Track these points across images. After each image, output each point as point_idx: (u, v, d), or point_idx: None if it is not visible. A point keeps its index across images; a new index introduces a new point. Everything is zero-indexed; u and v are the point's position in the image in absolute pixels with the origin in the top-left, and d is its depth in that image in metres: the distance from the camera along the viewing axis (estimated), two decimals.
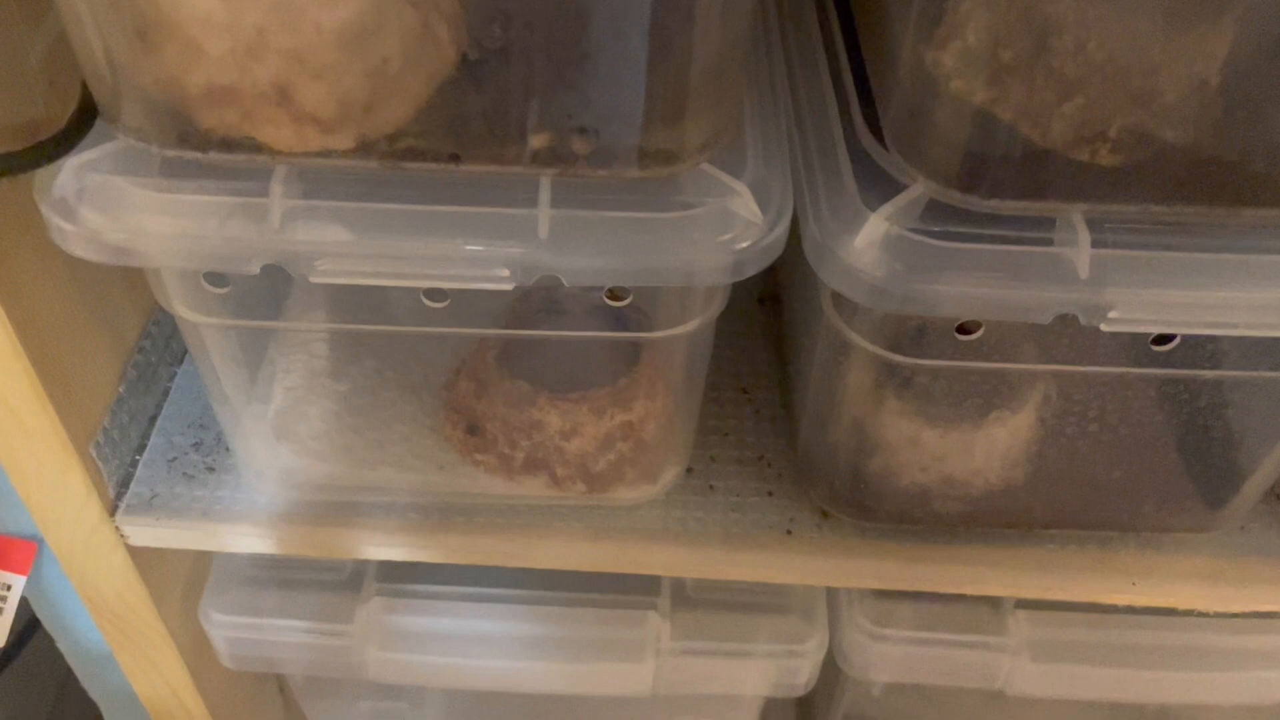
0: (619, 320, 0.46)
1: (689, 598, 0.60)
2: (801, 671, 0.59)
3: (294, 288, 0.48)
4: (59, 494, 0.49)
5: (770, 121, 0.41)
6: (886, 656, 0.59)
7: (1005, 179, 0.36)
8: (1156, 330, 0.38)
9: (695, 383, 0.49)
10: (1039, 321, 0.37)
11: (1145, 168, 0.35)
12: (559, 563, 0.52)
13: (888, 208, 0.37)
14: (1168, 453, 0.48)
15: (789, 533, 0.51)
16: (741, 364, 0.59)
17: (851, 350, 0.44)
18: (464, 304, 0.42)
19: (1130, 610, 0.57)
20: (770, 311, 0.62)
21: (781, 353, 0.59)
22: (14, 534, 0.57)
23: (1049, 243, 0.38)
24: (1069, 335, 0.41)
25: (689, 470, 0.53)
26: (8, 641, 0.64)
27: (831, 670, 0.62)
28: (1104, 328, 0.37)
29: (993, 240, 0.37)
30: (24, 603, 0.59)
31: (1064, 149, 0.35)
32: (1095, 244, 0.37)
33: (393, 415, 0.53)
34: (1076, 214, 0.37)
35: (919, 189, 0.37)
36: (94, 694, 0.68)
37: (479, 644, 0.59)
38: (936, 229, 0.37)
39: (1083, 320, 0.37)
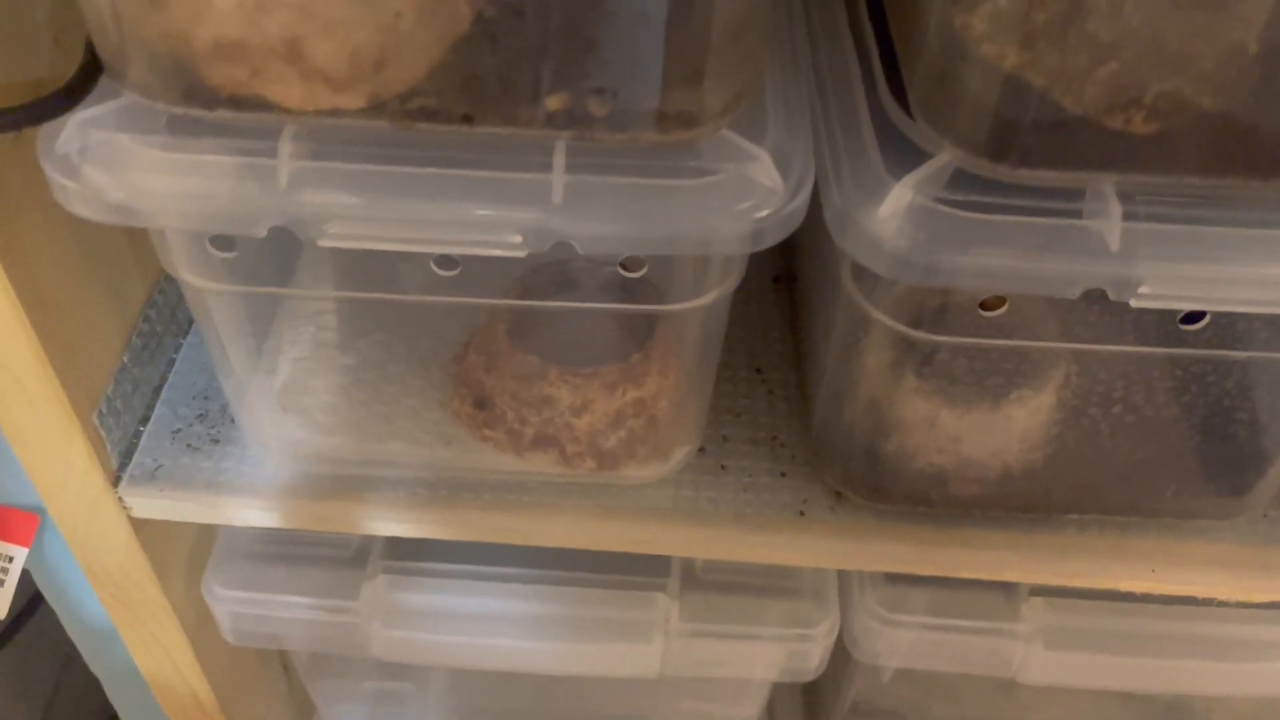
0: (632, 294, 0.45)
1: (698, 579, 0.59)
2: (812, 655, 0.58)
3: (303, 256, 0.47)
4: (61, 463, 0.48)
5: (791, 87, 0.40)
6: (898, 642, 0.58)
7: (1035, 148, 0.35)
8: (1188, 307, 0.37)
9: (709, 359, 0.48)
10: (1067, 296, 0.36)
11: (1180, 137, 0.34)
12: (568, 541, 0.51)
13: (913, 177, 0.36)
14: (1191, 436, 0.47)
15: (801, 514, 0.50)
16: (755, 343, 0.58)
17: (871, 327, 0.43)
18: (475, 273, 0.41)
19: (1147, 598, 0.56)
20: (785, 291, 0.61)
21: (796, 332, 0.58)
22: (16, 505, 0.56)
23: (1078, 215, 0.36)
24: (1094, 312, 0.40)
25: (701, 449, 0.52)
26: (11, 615, 0.64)
27: (840, 656, 0.62)
28: (1133, 303, 0.36)
29: (1020, 211, 0.36)
30: (27, 576, 0.59)
31: (1097, 116, 0.34)
32: (1126, 216, 0.35)
33: (401, 389, 0.52)
34: (1108, 185, 0.36)
35: (945, 158, 0.36)
36: (96, 669, 0.68)
37: (485, 622, 0.58)
38: (962, 199, 0.36)
39: (1112, 295, 0.36)
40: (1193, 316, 0.39)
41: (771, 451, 0.53)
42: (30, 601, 0.70)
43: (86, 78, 0.36)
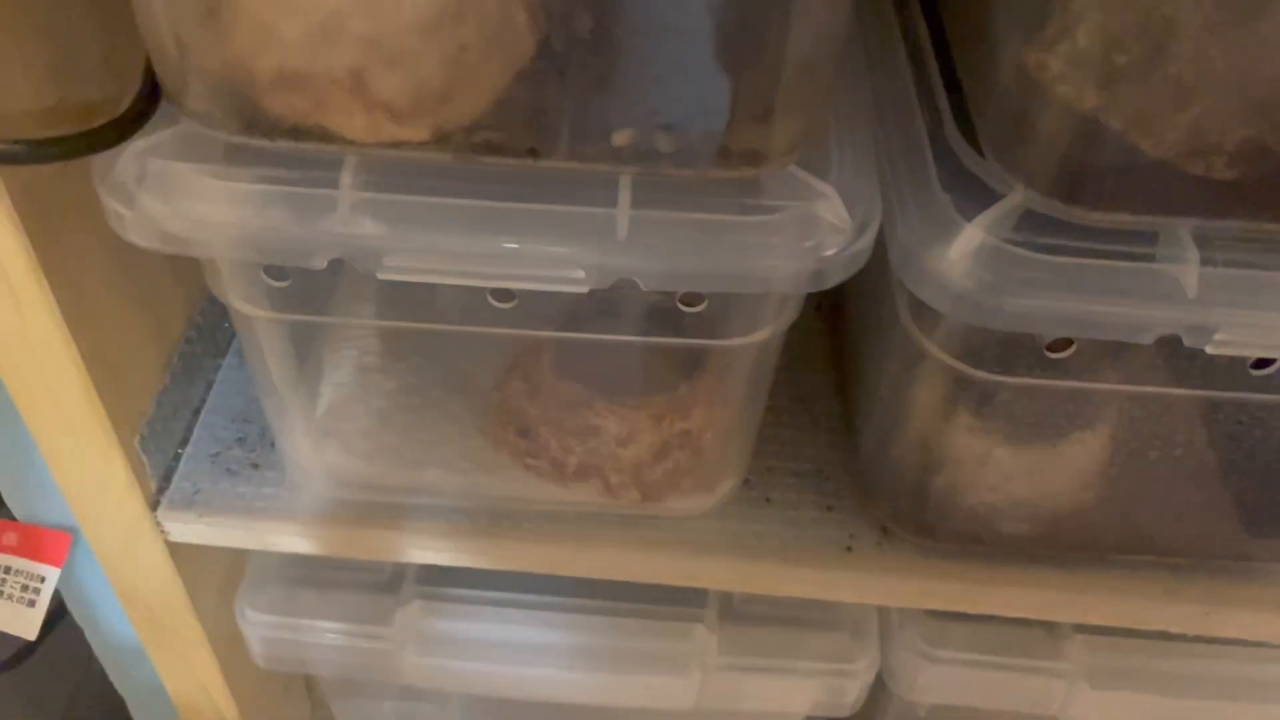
0: (683, 327, 0.44)
1: (736, 611, 0.58)
2: (850, 691, 0.58)
3: (345, 281, 0.47)
4: (100, 486, 0.48)
5: (855, 123, 0.39)
6: (938, 678, 0.57)
7: (1111, 190, 0.34)
8: (1265, 355, 0.37)
9: (758, 393, 0.47)
10: (1140, 341, 0.35)
11: (1262, 183, 0.34)
12: (609, 573, 0.50)
13: (984, 217, 0.35)
14: (1249, 479, 0.46)
15: (849, 549, 0.49)
16: (799, 373, 0.57)
17: (926, 363, 0.42)
18: (530, 305, 0.40)
19: (1196, 639, 0.55)
20: (829, 319, 0.60)
21: (841, 363, 0.57)
22: (48, 524, 0.55)
23: (1150, 258, 0.36)
24: (1163, 356, 0.40)
25: (745, 481, 0.52)
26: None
27: (876, 690, 0.61)
28: (1210, 350, 0.35)
29: (1092, 255, 0.35)
30: (56, 594, 0.58)
31: (1176, 161, 0.33)
32: (1204, 261, 0.35)
33: (442, 415, 0.51)
34: (1185, 230, 0.35)
35: (1017, 198, 0.35)
36: (120, 688, 0.67)
37: (519, 651, 0.58)
38: (1034, 241, 0.35)
39: (1187, 341, 0.35)
40: (1263, 362, 0.39)
41: (817, 485, 0.52)
42: (51, 617, 0.70)
43: (146, 105, 0.35)
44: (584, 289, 0.35)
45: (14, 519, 0.56)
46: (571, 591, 0.58)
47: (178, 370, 0.51)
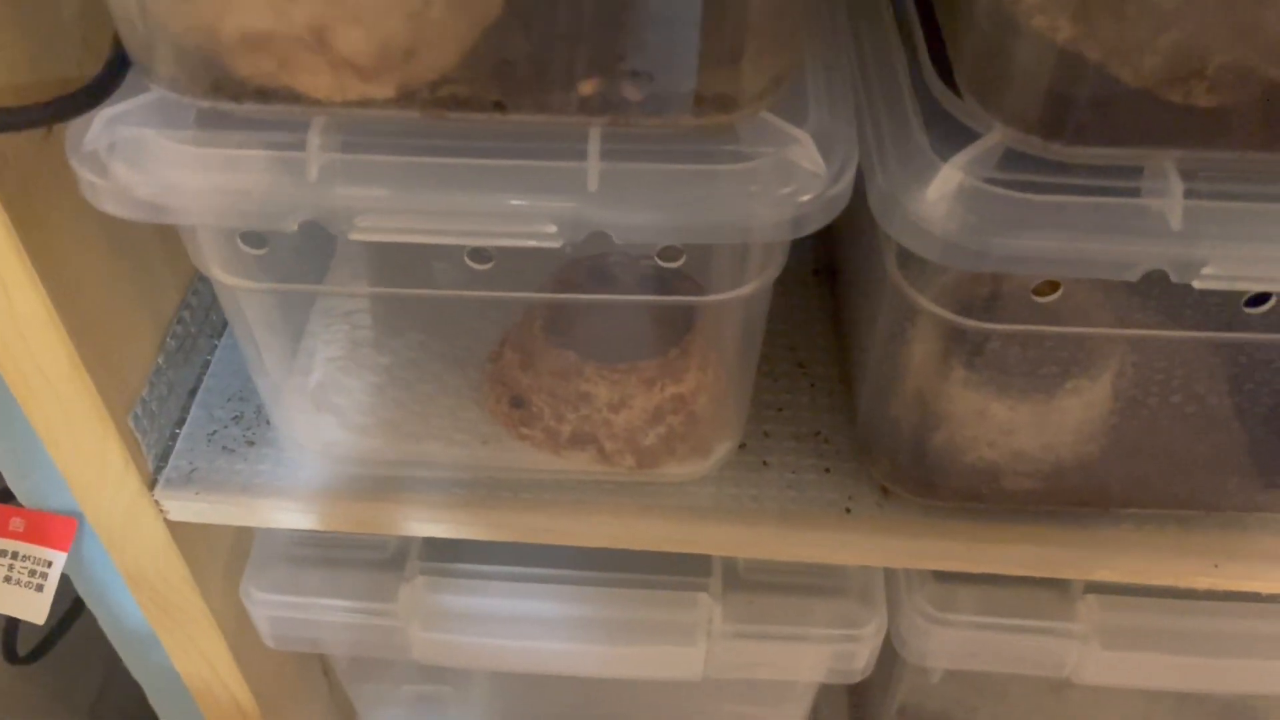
0: (669, 287, 0.44)
1: (741, 579, 0.57)
2: (859, 656, 0.57)
3: (336, 253, 0.47)
4: (97, 467, 0.48)
5: (832, 67, 0.38)
6: (947, 642, 0.56)
7: (1091, 124, 0.33)
8: (1254, 288, 0.36)
9: (749, 353, 0.47)
10: (1126, 279, 0.35)
11: (1245, 110, 0.33)
12: (608, 541, 0.50)
13: (961, 157, 0.35)
14: (1255, 426, 0.45)
15: (848, 511, 0.49)
16: (796, 337, 0.56)
17: (918, 316, 0.42)
18: (509, 266, 0.40)
19: (1209, 595, 0.54)
20: (825, 283, 0.59)
21: (838, 325, 0.57)
22: (55, 509, 0.56)
23: (1136, 193, 0.35)
24: (1153, 296, 0.39)
25: (742, 446, 0.51)
26: (55, 620, 0.64)
27: (888, 656, 0.60)
28: (1196, 285, 0.34)
29: (1075, 191, 0.35)
30: (68, 582, 0.59)
31: (1156, 89, 0.32)
32: (1188, 194, 0.34)
33: (436, 387, 0.51)
34: (1168, 161, 0.34)
35: (996, 136, 0.35)
36: (137, 673, 0.67)
37: (525, 625, 0.57)
38: (1014, 179, 0.35)
39: (1174, 277, 0.34)
40: (1258, 299, 0.38)
41: (815, 447, 0.51)
42: (73, 606, 0.71)
43: (114, 73, 0.35)
44: (556, 243, 0.35)
45: (20, 505, 0.56)
46: (576, 564, 0.58)
47: (172, 350, 0.51)
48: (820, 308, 0.58)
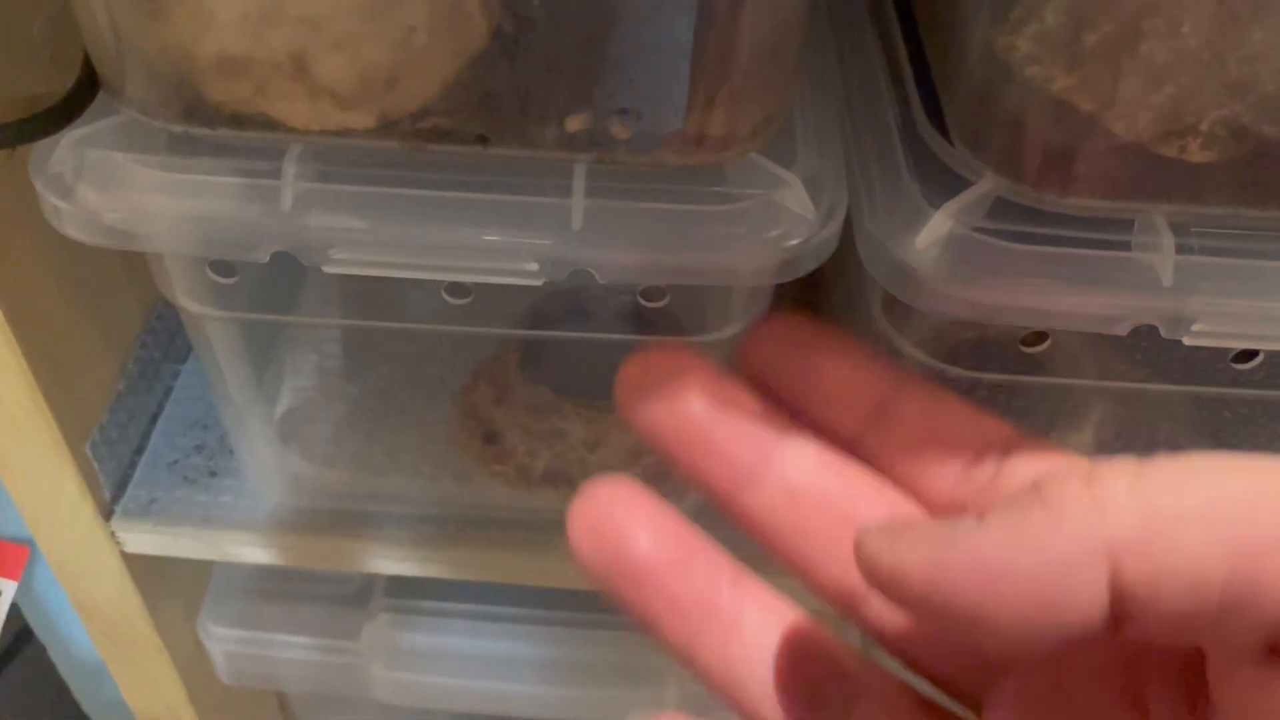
0: (651, 325, 0.43)
1: None
2: None
3: (306, 282, 0.45)
4: (51, 494, 0.46)
5: (821, 109, 0.38)
6: None
7: (1083, 175, 0.33)
8: (1244, 345, 0.35)
9: None
10: (1115, 333, 0.34)
11: (1238, 166, 0.32)
12: (579, 582, 0.48)
13: (953, 204, 0.34)
14: None
15: None
16: None
17: (902, 361, 0.41)
18: (487, 301, 0.39)
19: None
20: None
21: None
22: (6, 537, 0.54)
23: (1126, 246, 0.34)
24: (1141, 350, 0.38)
25: None
26: (1, 650, 0.62)
27: None
28: (1187, 341, 0.34)
29: (1066, 243, 0.34)
30: (17, 610, 0.57)
31: (1150, 143, 0.32)
32: (1180, 249, 0.33)
33: (406, 421, 0.50)
34: (1159, 215, 0.34)
35: (987, 185, 0.34)
36: (86, 707, 0.65)
37: (491, 665, 0.56)
38: (1004, 229, 0.34)
39: (1164, 332, 0.34)
40: (1246, 355, 0.37)
41: None
42: (20, 634, 0.68)
43: (82, 94, 0.34)
44: (538, 281, 0.34)
45: None
46: (545, 604, 0.57)
47: (133, 376, 0.49)
48: None
